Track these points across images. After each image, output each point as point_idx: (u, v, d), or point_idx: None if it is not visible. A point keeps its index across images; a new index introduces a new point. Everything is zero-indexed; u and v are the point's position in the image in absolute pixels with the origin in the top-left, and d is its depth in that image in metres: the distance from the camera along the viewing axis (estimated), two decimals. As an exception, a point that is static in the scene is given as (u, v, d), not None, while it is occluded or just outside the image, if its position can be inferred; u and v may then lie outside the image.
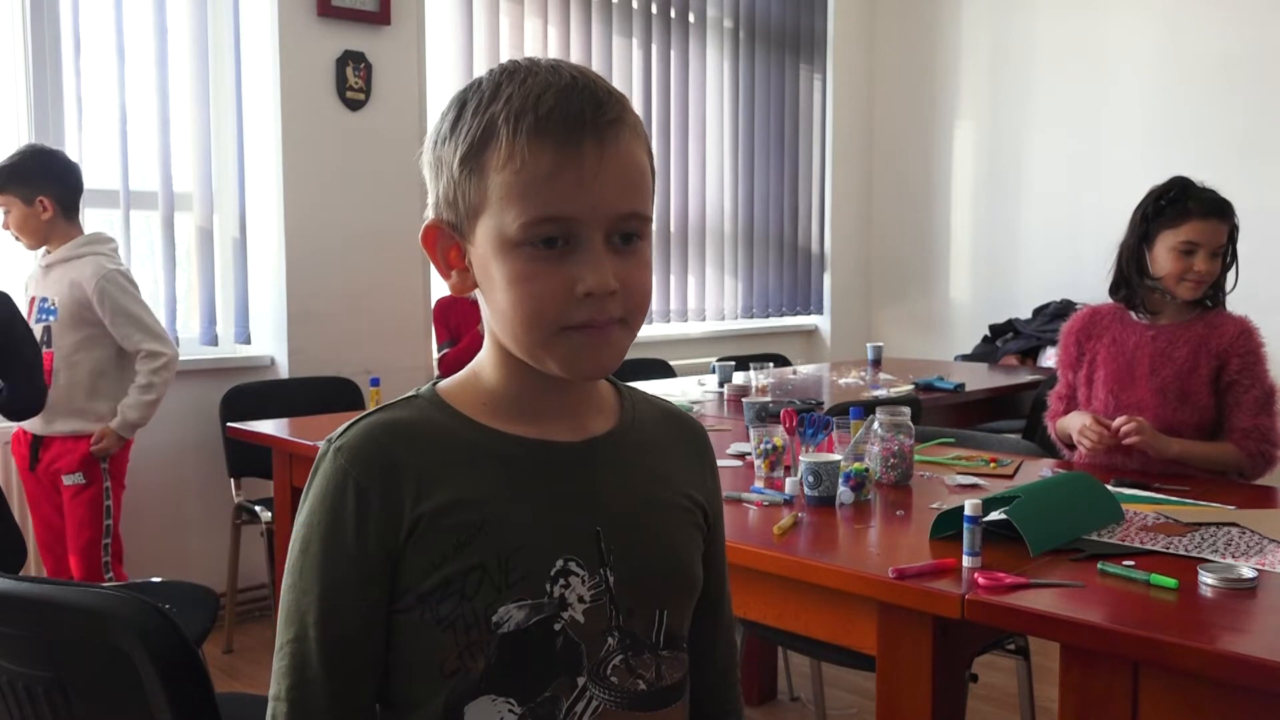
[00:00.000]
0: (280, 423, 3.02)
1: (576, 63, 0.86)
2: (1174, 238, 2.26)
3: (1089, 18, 5.19)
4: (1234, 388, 2.27)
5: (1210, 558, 1.60)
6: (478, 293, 0.89)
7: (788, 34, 5.65)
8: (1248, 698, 1.26)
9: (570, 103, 0.80)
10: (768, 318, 5.67)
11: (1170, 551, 1.64)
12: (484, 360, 0.91)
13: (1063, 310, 4.98)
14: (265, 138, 3.68)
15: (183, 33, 3.57)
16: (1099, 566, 1.56)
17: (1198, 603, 1.43)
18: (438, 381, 0.93)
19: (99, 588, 1.26)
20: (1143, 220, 2.33)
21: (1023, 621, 1.44)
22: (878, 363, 4.60)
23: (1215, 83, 4.79)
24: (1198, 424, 2.27)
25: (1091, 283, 2.89)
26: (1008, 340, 5.24)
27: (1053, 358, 3.63)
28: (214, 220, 3.68)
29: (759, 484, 2.08)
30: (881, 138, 6.11)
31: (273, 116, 3.65)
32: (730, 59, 5.35)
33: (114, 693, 1.18)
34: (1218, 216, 2.25)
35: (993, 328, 5.39)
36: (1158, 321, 2.36)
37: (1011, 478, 2.21)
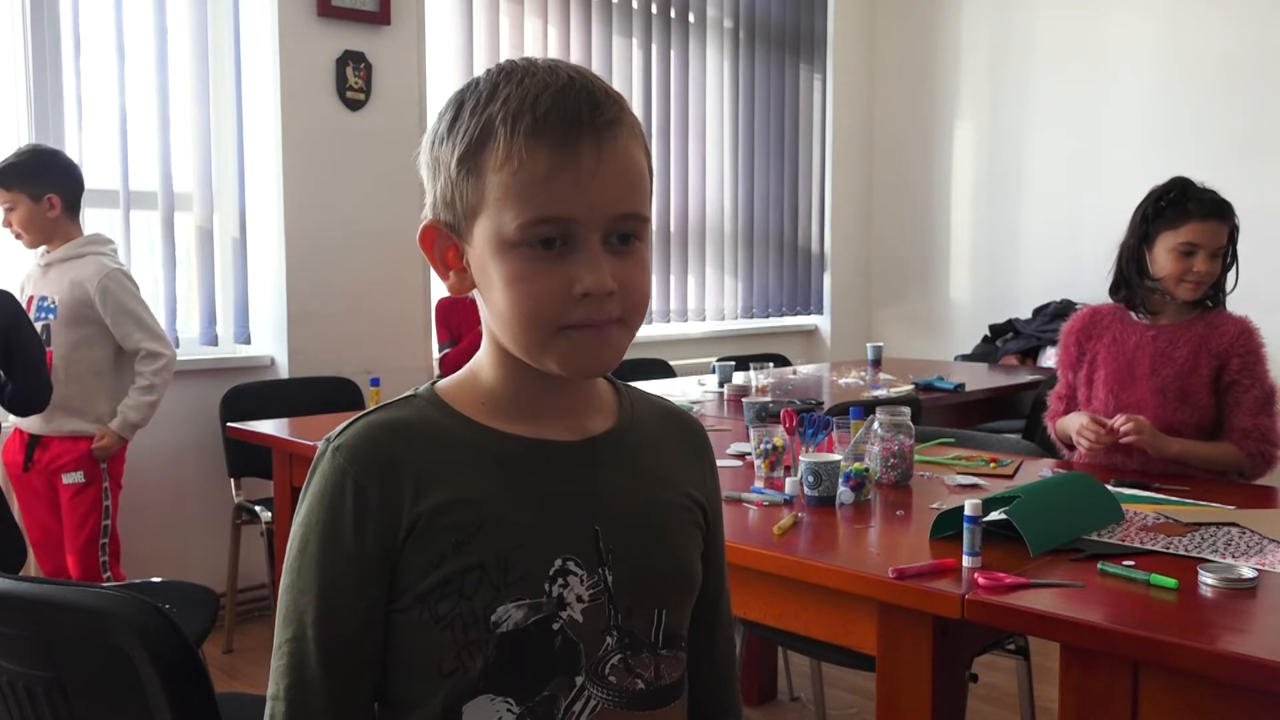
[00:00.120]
0: (280, 423, 3.03)
1: (576, 63, 0.86)
2: (1174, 239, 2.26)
3: (1089, 18, 5.19)
4: (1234, 388, 2.27)
5: (1210, 558, 1.60)
6: (475, 293, 0.88)
7: (788, 34, 5.65)
8: (1248, 698, 1.26)
9: (568, 103, 0.80)
10: (768, 318, 5.67)
11: (1170, 551, 1.64)
12: (482, 360, 0.91)
13: (1063, 310, 4.98)
14: (265, 138, 3.68)
15: (183, 33, 3.57)
16: (1099, 566, 1.56)
17: (1198, 603, 1.43)
18: (436, 381, 0.93)
19: (99, 588, 1.26)
20: (1143, 221, 2.33)
21: (1023, 621, 1.44)
22: (878, 363, 4.60)
23: (1215, 83, 4.79)
24: (1198, 424, 2.27)
25: (1091, 283, 2.89)
26: (1008, 340, 5.23)
27: (1053, 358, 3.63)
28: (214, 220, 3.68)
29: (759, 484, 2.08)
30: (881, 138, 6.11)
31: (273, 116, 3.65)
32: (730, 59, 5.35)
33: (114, 693, 1.18)
34: (1218, 218, 2.25)
35: (993, 328, 5.39)
36: (1158, 321, 2.36)
37: (1011, 478, 2.21)
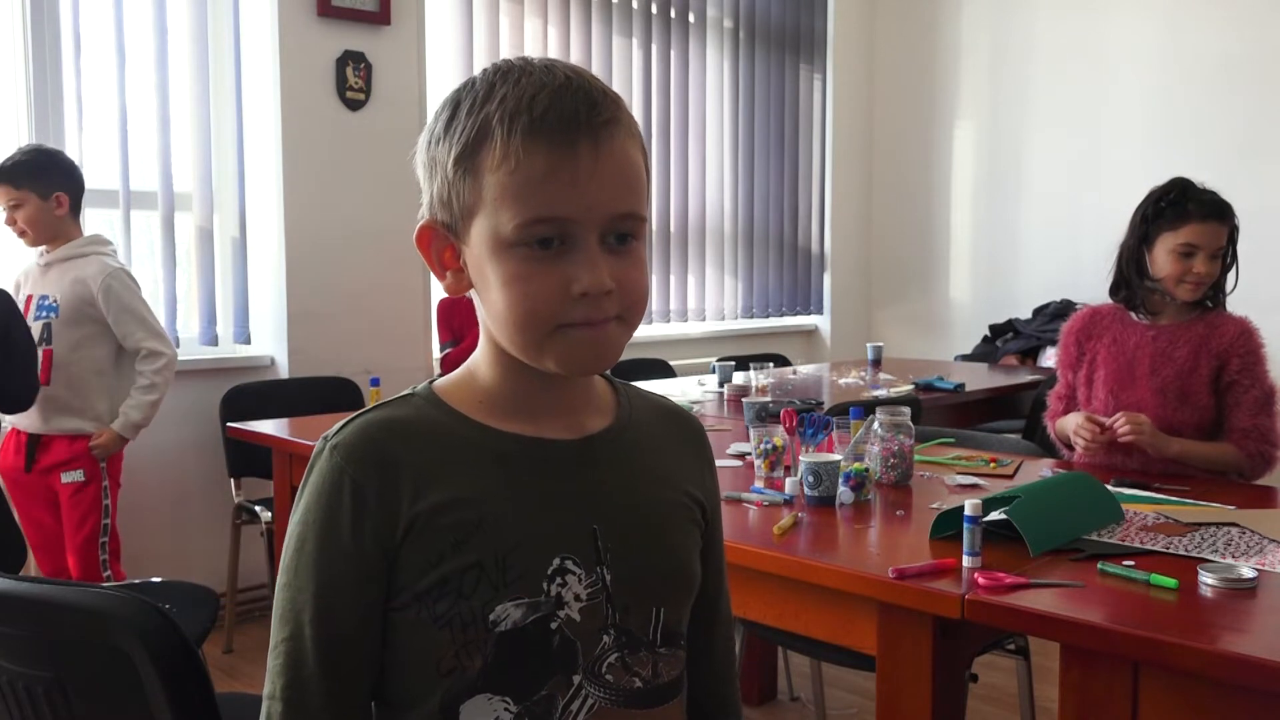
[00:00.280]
0: (280, 423, 3.03)
1: (576, 63, 0.86)
2: (1173, 240, 2.26)
3: (1089, 18, 5.19)
4: (1234, 388, 2.27)
5: (1210, 558, 1.60)
6: (473, 293, 0.88)
7: (788, 34, 5.65)
8: (1248, 698, 1.26)
9: (565, 103, 0.80)
10: (768, 318, 5.67)
11: (1170, 551, 1.64)
12: (479, 359, 0.91)
13: (1063, 310, 4.98)
14: (265, 138, 3.68)
15: (183, 33, 3.57)
16: (1099, 566, 1.56)
17: (1198, 603, 1.43)
18: (433, 380, 0.92)
19: (99, 588, 1.26)
20: (1142, 222, 2.33)
21: (1023, 621, 1.44)
22: (878, 363, 4.60)
23: (1215, 83, 4.79)
24: (1198, 424, 2.27)
25: (1091, 283, 2.88)
26: (1008, 340, 5.23)
27: (1053, 358, 3.63)
28: (214, 220, 3.68)
29: (759, 484, 2.08)
30: (881, 138, 6.11)
31: (273, 116, 3.65)
32: (730, 59, 5.35)
33: (114, 693, 1.18)
34: (1217, 219, 2.25)
35: (993, 328, 5.39)
36: (1158, 322, 2.36)
37: (1011, 478, 2.21)
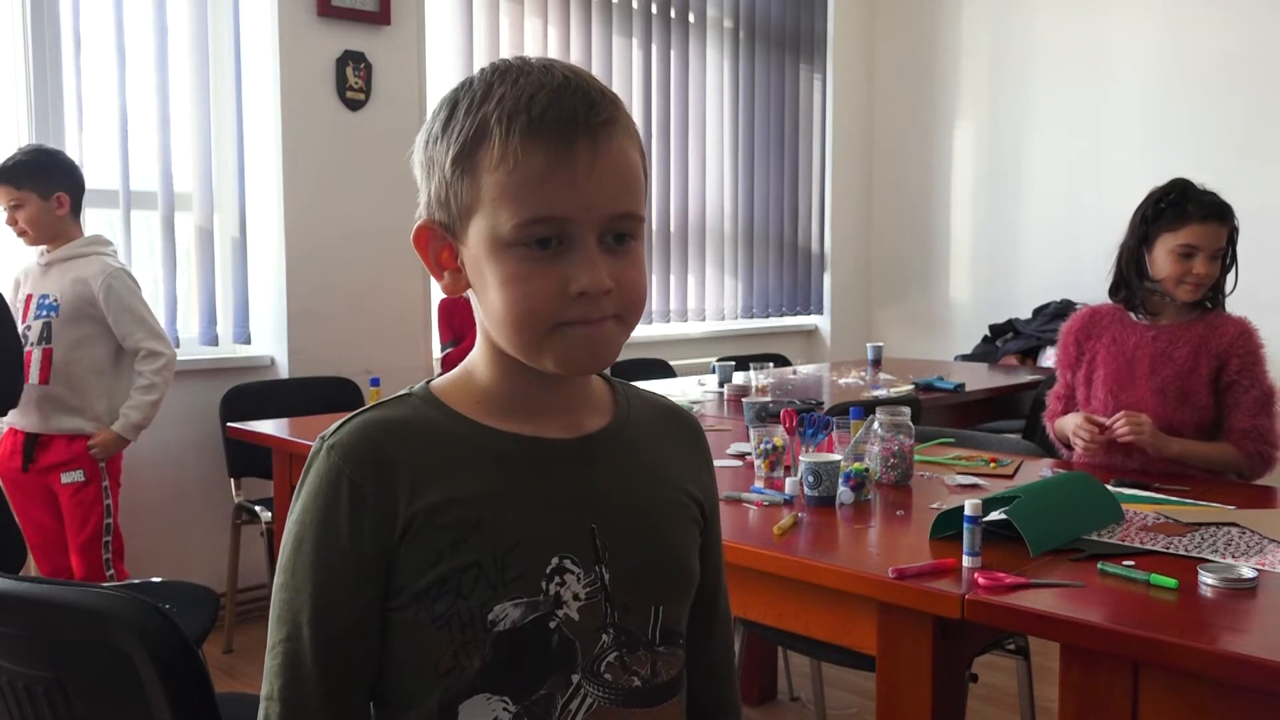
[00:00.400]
0: (280, 423, 3.03)
1: (576, 63, 0.86)
2: (1173, 240, 2.26)
3: (1089, 18, 5.19)
4: (1233, 388, 2.27)
5: (1210, 558, 1.60)
6: (470, 293, 0.88)
7: (788, 34, 5.65)
8: (1248, 698, 1.26)
9: (563, 103, 0.80)
10: (768, 318, 5.67)
11: (1170, 551, 1.64)
12: (477, 359, 0.91)
13: (1063, 310, 4.98)
14: (265, 138, 3.68)
15: (183, 33, 3.57)
16: (1099, 566, 1.56)
17: (1198, 603, 1.43)
18: (431, 380, 0.92)
19: (99, 588, 1.26)
20: (1142, 222, 2.33)
21: (1023, 621, 1.44)
22: (878, 363, 4.60)
23: (1215, 83, 4.79)
24: (1197, 424, 2.27)
25: (1091, 283, 2.88)
26: (1008, 340, 5.24)
27: (1052, 358, 3.63)
28: (214, 220, 3.68)
29: (759, 484, 2.08)
30: (881, 138, 6.11)
31: (273, 116, 3.65)
32: (730, 59, 5.35)
33: (114, 693, 1.18)
34: (1217, 220, 2.25)
35: (993, 328, 5.39)
36: (1158, 322, 2.36)
37: (1011, 478, 2.21)
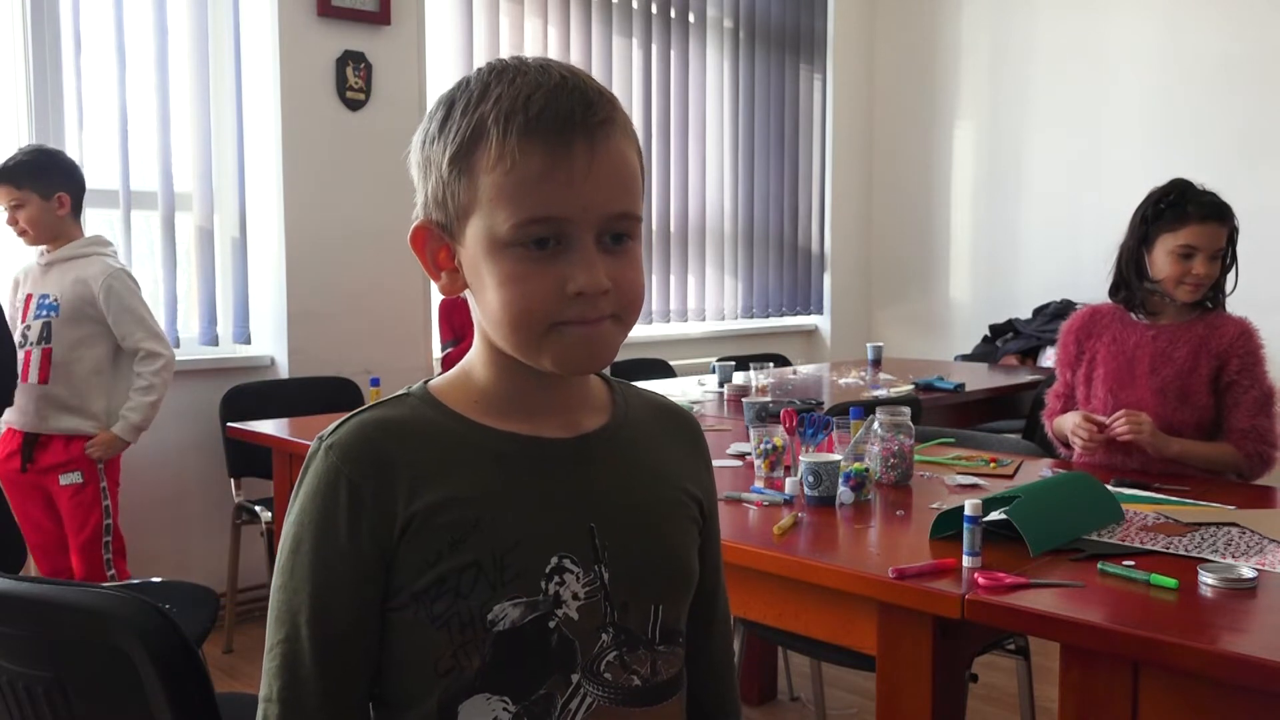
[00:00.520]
0: (280, 423, 3.03)
1: (576, 63, 0.86)
2: (1172, 241, 2.26)
3: (1089, 18, 5.19)
4: (1233, 388, 2.27)
5: (1210, 558, 1.60)
6: (467, 293, 0.88)
7: (788, 34, 5.65)
8: (1248, 698, 1.26)
9: (560, 103, 0.80)
10: (768, 318, 5.67)
11: (1170, 551, 1.64)
12: (474, 358, 0.91)
13: (1063, 310, 4.98)
14: (265, 138, 3.68)
15: (183, 33, 3.56)
16: (1099, 566, 1.56)
17: (1198, 603, 1.43)
18: (429, 380, 0.92)
19: (99, 588, 1.26)
20: (1142, 223, 2.33)
21: (1023, 621, 1.44)
22: (878, 363, 4.60)
23: (1215, 83, 4.79)
24: (1197, 424, 2.27)
25: (1091, 283, 2.88)
26: (1008, 340, 5.24)
27: (1052, 358, 3.63)
28: (214, 220, 3.68)
29: (759, 484, 2.08)
30: (881, 138, 6.11)
31: (273, 116, 3.65)
32: (730, 59, 5.35)
33: (114, 693, 1.18)
34: (1216, 220, 2.25)
35: (993, 328, 5.39)
36: (1158, 322, 2.36)
37: (1011, 478, 2.21)
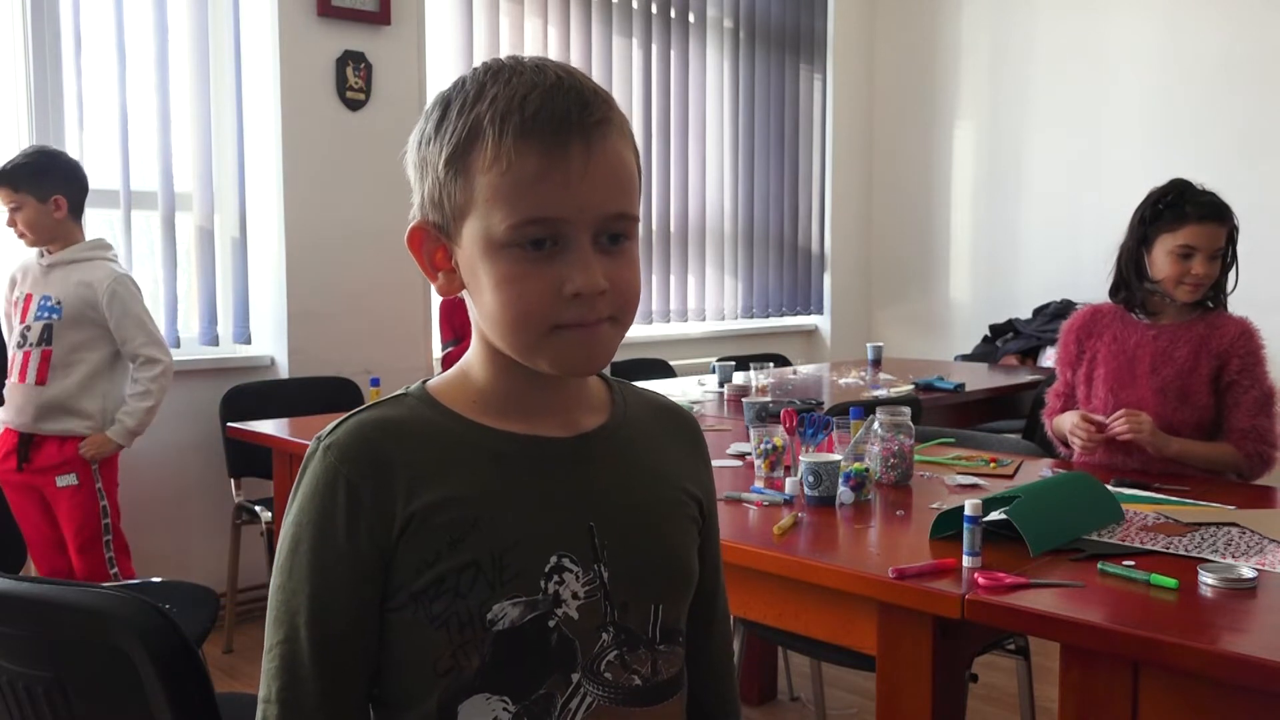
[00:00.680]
0: (280, 423, 3.03)
1: (576, 63, 0.85)
2: (1172, 241, 2.26)
3: (1089, 18, 5.19)
4: (1233, 388, 2.27)
5: (1210, 558, 1.60)
6: (465, 293, 0.88)
7: (788, 34, 5.65)
8: (1248, 698, 1.26)
9: (556, 103, 0.80)
10: (768, 318, 5.67)
11: (1170, 551, 1.64)
12: (472, 358, 0.91)
13: (1063, 310, 4.98)
14: (265, 138, 3.68)
15: (183, 33, 3.56)
16: (1099, 566, 1.56)
17: (1198, 603, 1.43)
18: (427, 380, 0.92)
19: (99, 588, 1.26)
20: (1141, 223, 2.33)
21: (1023, 621, 1.44)
22: (878, 363, 4.60)
23: (1215, 83, 4.79)
24: (1197, 423, 2.27)
25: (1091, 283, 2.89)
26: (1008, 340, 5.24)
27: (1053, 358, 3.63)
28: (214, 220, 3.68)
29: (759, 484, 2.08)
30: (881, 138, 6.11)
31: (273, 116, 3.65)
32: (730, 59, 5.35)
33: (114, 693, 1.18)
34: (1215, 220, 2.25)
35: (993, 328, 5.39)
36: (1159, 321, 2.36)
37: (1011, 478, 2.21)
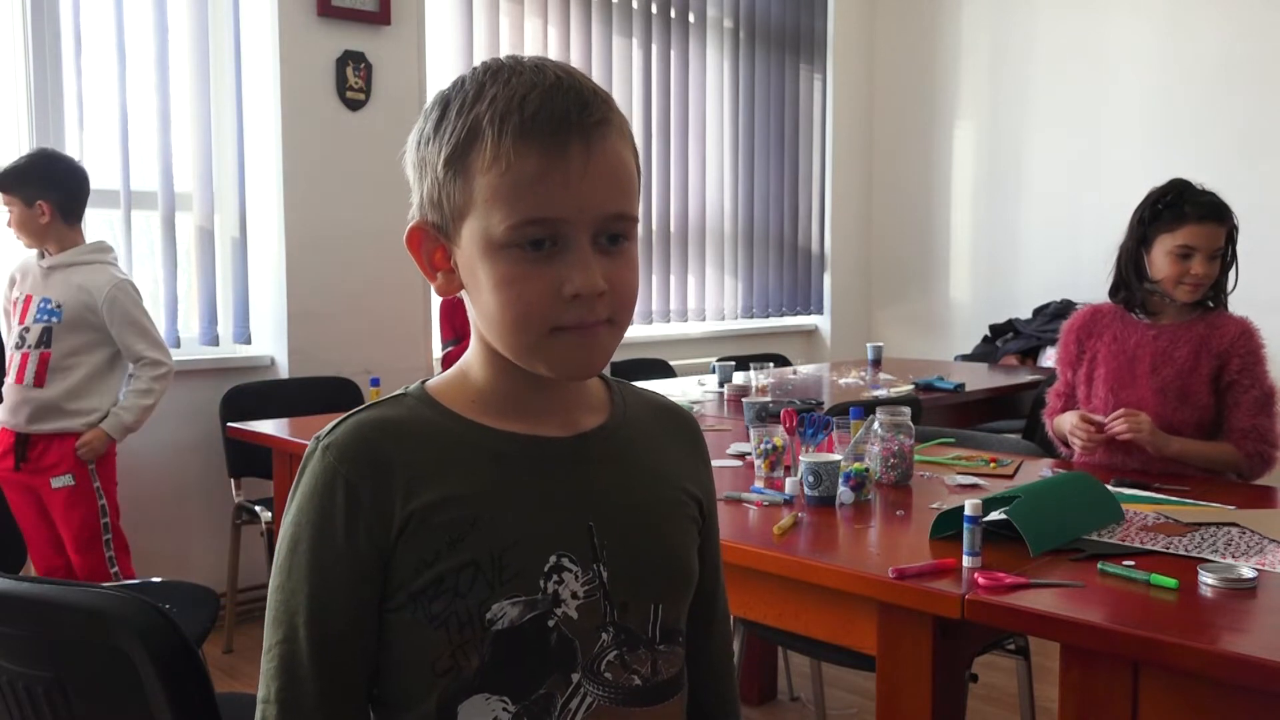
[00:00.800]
0: (280, 423, 3.03)
1: (576, 63, 0.85)
2: (1171, 241, 2.26)
3: (1089, 18, 5.19)
4: (1234, 388, 2.27)
5: (1210, 558, 1.60)
6: (464, 294, 0.88)
7: (788, 34, 5.65)
8: (1248, 698, 1.26)
9: (556, 104, 0.80)
10: (768, 318, 5.67)
11: (1170, 551, 1.64)
12: (472, 358, 0.91)
13: (1063, 310, 4.98)
14: (265, 138, 3.68)
15: (183, 33, 3.56)
16: (1099, 566, 1.56)
17: (1198, 603, 1.43)
18: (426, 380, 0.92)
19: (99, 588, 1.26)
20: (1140, 224, 2.33)
21: (1023, 621, 1.44)
22: (878, 363, 4.60)
23: (1215, 83, 4.79)
24: (1198, 423, 2.27)
25: (1091, 283, 2.89)
26: (1008, 340, 5.24)
27: (1053, 358, 3.63)
28: (214, 220, 3.68)
29: (759, 484, 2.08)
30: (881, 138, 6.11)
31: (273, 116, 3.65)
32: (730, 59, 5.35)
33: (114, 693, 1.18)
34: (1215, 220, 2.25)
35: (993, 328, 5.39)
36: (1159, 321, 2.36)
37: (1011, 478, 2.21)
